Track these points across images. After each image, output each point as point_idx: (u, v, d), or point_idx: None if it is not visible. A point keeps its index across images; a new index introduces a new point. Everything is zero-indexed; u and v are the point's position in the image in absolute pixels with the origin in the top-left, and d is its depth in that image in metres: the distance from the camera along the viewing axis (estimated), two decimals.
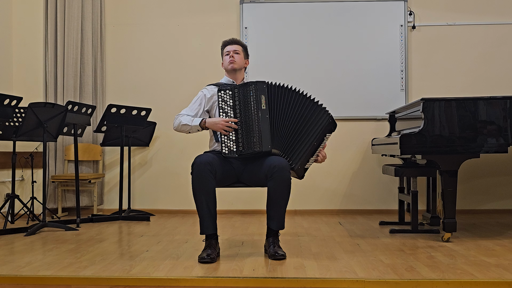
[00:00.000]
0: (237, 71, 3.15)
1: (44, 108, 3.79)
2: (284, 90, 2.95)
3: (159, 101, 5.01)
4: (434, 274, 2.46)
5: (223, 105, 2.92)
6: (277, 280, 2.39)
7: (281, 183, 2.80)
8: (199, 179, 2.79)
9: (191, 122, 2.98)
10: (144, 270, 2.57)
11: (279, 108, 2.93)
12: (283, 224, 2.91)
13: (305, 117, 2.94)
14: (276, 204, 2.85)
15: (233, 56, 3.13)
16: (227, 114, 2.91)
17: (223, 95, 2.94)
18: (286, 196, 2.85)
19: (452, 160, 3.27)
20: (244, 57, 3.19)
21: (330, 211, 4.93)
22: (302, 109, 2.95)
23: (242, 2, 4.97)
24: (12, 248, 3.22)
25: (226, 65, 3.15)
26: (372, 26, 4.92)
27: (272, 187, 2.82)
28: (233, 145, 2.87)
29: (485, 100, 3.27)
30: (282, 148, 2.92)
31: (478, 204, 4.87)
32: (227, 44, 3.20)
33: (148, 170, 5.08)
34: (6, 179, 4.78)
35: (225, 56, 3.17)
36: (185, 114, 3.07)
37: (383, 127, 4.86)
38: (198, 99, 3.12)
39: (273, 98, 2.92)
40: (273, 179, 2.80)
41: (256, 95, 2.89)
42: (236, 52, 3.15)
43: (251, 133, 2.86)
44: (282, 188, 2.82)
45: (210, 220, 2.83)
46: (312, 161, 2.98)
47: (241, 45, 3.22)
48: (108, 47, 5.11)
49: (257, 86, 2.90)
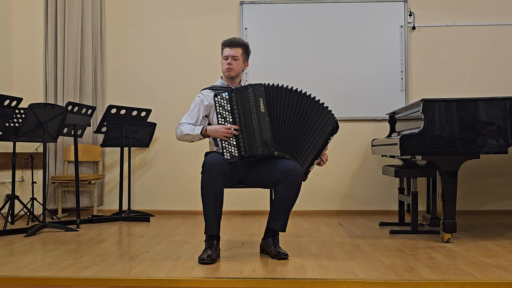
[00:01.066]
0: (234, 77, 3.10)
1: (44, 109, 3.79)
2: (283, 91, 2.93)
3: (159, 102, 5.01)
4: (434, 275, 2.46)
5: (221, 110, 2.90)
6: (277, 281, 2.39)
7: (294, 186, 2.82)
8: (209, 179, 2.78)
9: (192, 131, 2.96)
10: (144, 271, 2.57)
11: (279, 110, 2.92)
12: (286, 227, 2.92)
13: (308, 119, 2.93)
14: (284, 206, 2.86)
15: (231, 64, 3.04)
16: (226, 119, 2.89)
17: (220, 100, 2.90)
18: (294, 201, 2.87)
19: (452, 161, 3.27)
20: (243, 61, 3.10)
21: (330, 212, 4.93)
22: (305, 110, 2.93)
23: (242, 3, 4.98)
24: (12, 249, 3.22)
25: (223, 70, 3.08)
26: (372, 27, 4.92)
27: (283, 189, 2.82)
28: (234, 150, 2.86)
29: (485, 100, 3.27)
30: (288, 151, 2.91)
31: (478, 205, 4.87)
32: (226, 45, 3.09)
33: (148, 171, 5.08)
34: (6, 180, 4.78)
35: (223, 59, 3.09)
36: (185, 122, 3.04)
37: (383, 127, 4.86)
38: (196, 104, 3.07)
39: (272, 100, 2.91)
40: (286, 182, 2.81)
41: (254, 98, 2.87)
42: (235, 58, 3.05)
43: (252, 137, 2.85)
44: (293, 192, 2.83)
45: (215, 221, 2.82)
46: (316, 164, 2.97)
47: (242, 46, 3.09)
48: (108, 48, 5.12)
49: (255, 89, 2.88)
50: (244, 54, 3.11)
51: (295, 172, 2.81)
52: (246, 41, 3.22)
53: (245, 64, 3.13)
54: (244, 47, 3.12)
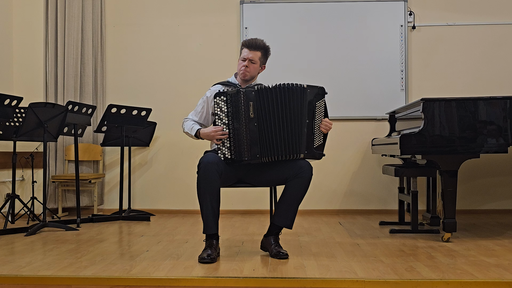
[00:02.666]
0: (248, 80, 3.08)
1: (44, 108, 3.80)
2: (269, 91, 2.87)
3: (159, 101, 5.02)
4: (434, 274, 2.46)
5: (218, 111, 2.90)
6: (277, 280, 2.40)
7: (304, 182, 2.84)
8: (205, 179, 2.79)
9: (191, 131, 3.02)
10: (144, 270, 2.58)
11: (268, 112, 2.86)
12: (293, 224, 2.92)
13: (292, 108, 2.87)
14: (293, 202, 2.87)
15: (248, 66, 3.00)
16: (222, 120, 2.89)
17: (219, 101, 2.88)
18: (303, 196, 2.89)
19: (452, 160, 3.28)
20: (260, 64, 3.05)
21: (330, 211, 4.93)
22: (285, 100, 2.87)
23: (242, 2, 4.98)
24: (12, 248, 3.22)
25: (239, 71, 3.05)
26: (372, 26, 4.92)
27: (294, 184, 2.84)
28: (227, 152, 2.88)
29: (485, 100, 3.27)
30: (278, 152, 2.86)
31: (478, 204, 4.87)
32: (246, 46, 3.03)
33: (148, 170, 5.08)
34: (6, 179, 4.79)
35: (240, 59, 3.04)
36: (190, 118, 3.10)
37: (383, 127, 4.86)
38: (202, 101, 3.11)
39: (262, 103, 2.86)
40: (297, 178, 2.83)
41: (245, 103, 2.85)
42: (252, 62, 3.01)
43: (241, 142, 2.84)
44: (303, 187, 2.86)
45: (213, 220, 2.82)
46: (319, 135, 2.92)
47: (261, 49, 3.03)
48: (109, 47, 5.12)
49: (246, 94, 2.86)
50: (262, 58, 3.06)
51: (306, 169, 2.84)
52: (267, 44, 3.09)
53: (262, 67, 3.09)
54: (264, 50, 3.06)
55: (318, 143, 2.92)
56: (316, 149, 2.91)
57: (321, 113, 2.93)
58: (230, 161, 2.87)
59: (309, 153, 2.89)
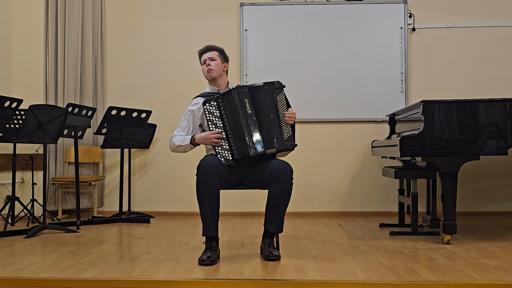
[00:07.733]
0: (218, 78, 3.13)
1: (44, 110, 3.80)
2: (261, 87, 2.96)
3: (159, 103, 5.02)
4: (434, 276, 2.46)
5: (211, 117, 2.94)
6: (277, 282, 2.40)
7: (284, 187, 2.83)
8: (204, 181, 2.79)
9: (183, 142, 3.02)
10: (144, 272, 2.57)
11: (264, 106, 2.94)
12: (282, 227, 2.93)
13: (258, 104, 2.95)
14: (277, 207, 2.87)
15: (210, 64, 3.10)
16: (216, 125, 2.93)
17: (209, 107, 2.95)
18: (287, 201, 2.88)
19: (452, 162, 3.28)
20: (222, 61, 3.14)
21: (330, 213, 4.93)
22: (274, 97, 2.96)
23: (242, 5, 4.98)
24: (12, 250, 3.22)
25: (205, 74, 3.13)
26: (372, 29, 4.93)
27: (274, 190, 2.84)
28: (228, 154, 2.90)
29: (485, 102, 3.27)
30: (275, 143, 2.91)
31: (478, 206, 4.87)
32: (202, 52, 3.16)
33: (148, 172, 5.08)
34: (6, 181, 4.79)
35: (202, 65, 3.15)
36: (177, 134, 3.10)
37: (383, 129, 4.86)
38: (186, 116, 3.13)
39: (257, 99, 2.94)
40: (276, 183, 2.83)
41: (240, 100, 2.91)
42: (212, 59, 3.10)
43: (243, 139, 2.89)
44: (284, 192, 2.84)
45: (212, 222, 2.83)
46: (286, 127, 2.95)
47: (217, 49, 3.16)
48: (109, 49, 5.12)
49: (239, 91, 2.93)
50: (221, 56, 3.16)
51: (284, 172, 2.83)
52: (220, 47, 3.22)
53: (225, 65, 3.17)
54: (219, 50, 3.18)
55: (288, 134, 2.96)
56: (287, 140, 2.94)
57: (283, 106, 2.99)
58: (234, 162, 2.88)
59: (280, 146, 2.92)
